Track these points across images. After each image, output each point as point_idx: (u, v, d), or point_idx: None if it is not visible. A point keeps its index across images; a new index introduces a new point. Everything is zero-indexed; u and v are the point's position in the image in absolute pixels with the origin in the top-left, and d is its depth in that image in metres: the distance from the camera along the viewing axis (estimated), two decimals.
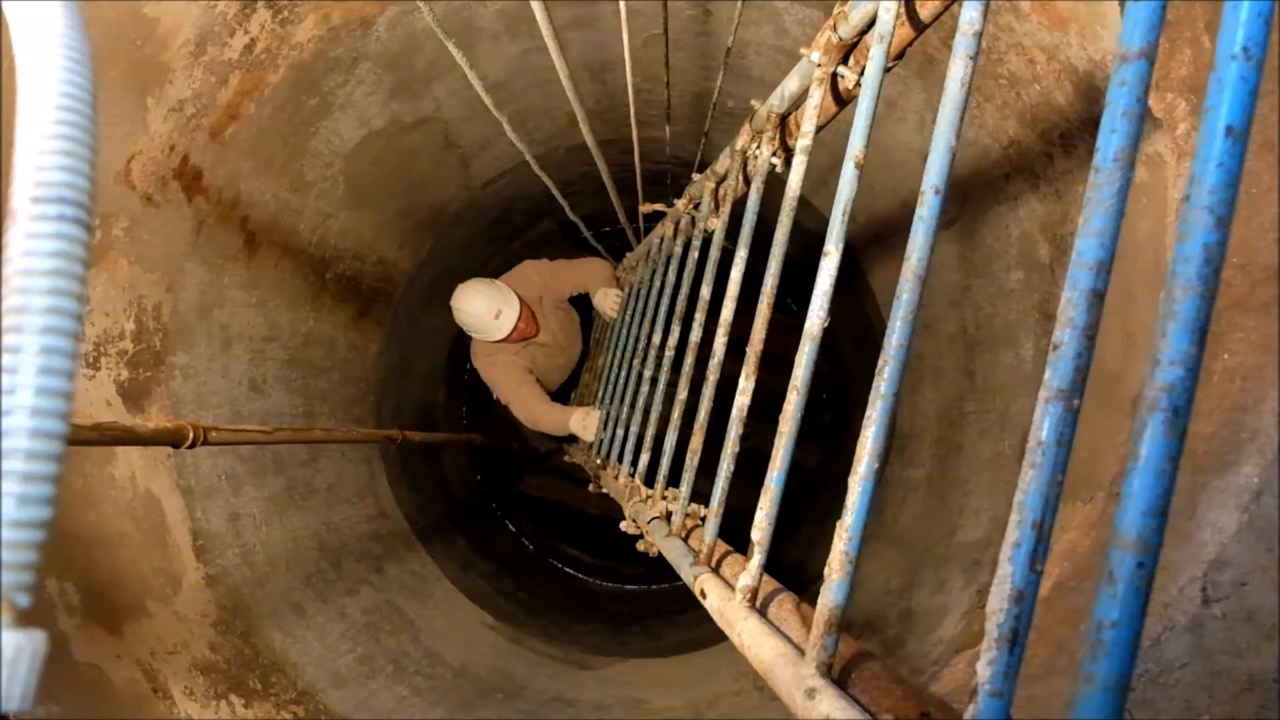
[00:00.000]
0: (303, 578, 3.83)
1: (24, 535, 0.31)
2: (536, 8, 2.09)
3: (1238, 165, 0.56)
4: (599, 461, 4.07)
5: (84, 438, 1.40)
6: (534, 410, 5.29)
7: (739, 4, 2.64)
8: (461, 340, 5.74)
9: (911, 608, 3.40)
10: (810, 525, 6.10)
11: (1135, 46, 0.62)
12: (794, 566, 5.81)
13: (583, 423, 4.77)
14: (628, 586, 6.89)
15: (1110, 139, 0.64)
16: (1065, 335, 0.64)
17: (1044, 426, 0.64)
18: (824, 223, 1.26)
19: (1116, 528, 0.55)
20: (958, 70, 0.88)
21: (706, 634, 4.82)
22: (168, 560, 3.01)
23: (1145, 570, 0.53)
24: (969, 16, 0.88)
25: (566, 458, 5.81)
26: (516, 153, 3.81)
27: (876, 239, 4.34)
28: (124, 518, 2.85)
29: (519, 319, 5.13)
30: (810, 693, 0.79)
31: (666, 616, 6.08)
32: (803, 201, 1.60)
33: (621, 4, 2.46)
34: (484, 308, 5.04)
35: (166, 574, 2.99)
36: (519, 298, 5.18)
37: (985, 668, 0.64)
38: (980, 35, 0.88)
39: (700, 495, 2.06)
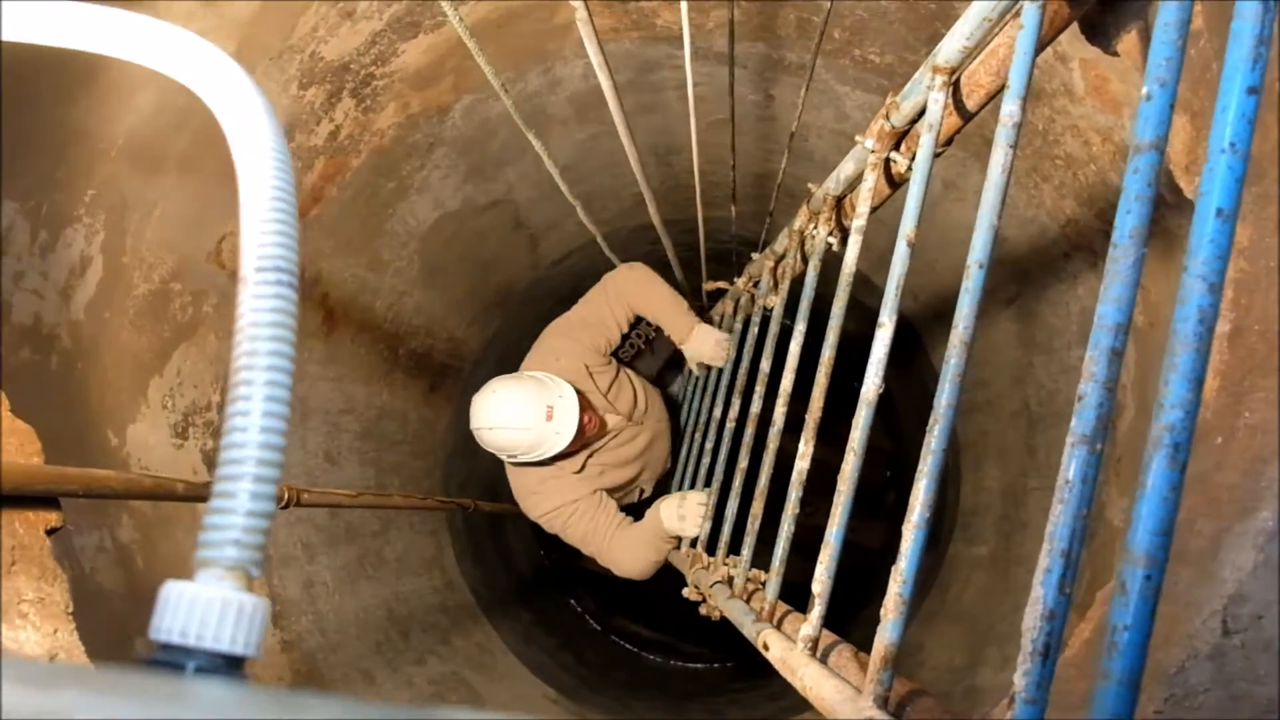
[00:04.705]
0: (373, 646, 3.91)
1: (255, 523, 0.41)
2: (609, 95, 2.22)
3: (1228, 242, 0.64)
4: None
5: (197, 494, 1.51)
6: (630, 554, 3.74)
7: (803, 93, 2.76)
8: None
9: (976, 685, 3.39)
10: (874, 605, 6.05)
11: (1147, 139, 0.71)
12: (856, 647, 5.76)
13: (677, 513, 3.51)
14: (689, 664, 6.86)
15: (1126, 219, 0.72)
16: (1088, 388, 0.72)
17: (1070, 468, 0.72)
18: (879, 300, 1.35)
19: (1128, 546, 0.62)
20: (999, 157, 0.97)
21: (767, 713, 4.80)
22: None
23: (1152, 582, 0.61)
24: (1009, 110, 0.97)
25: None
26: (583, 232, 3.94)
27: (937, 317, 4.39)
28: None
29: (581, 412, 3.53)
30: None
31: (729, 695, 6.05)
32: (863, 280, 1.70)
33: (689, 91, 2.58)
34: (530, 411, 3.42)
35: None
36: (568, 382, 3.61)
37: (1021, 678, 0.71)
38: (1019, 126, 0.97)
39: (758, 564, 2.14)
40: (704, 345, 3.72)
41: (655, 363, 5.42)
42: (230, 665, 0.39)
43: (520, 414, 3.40)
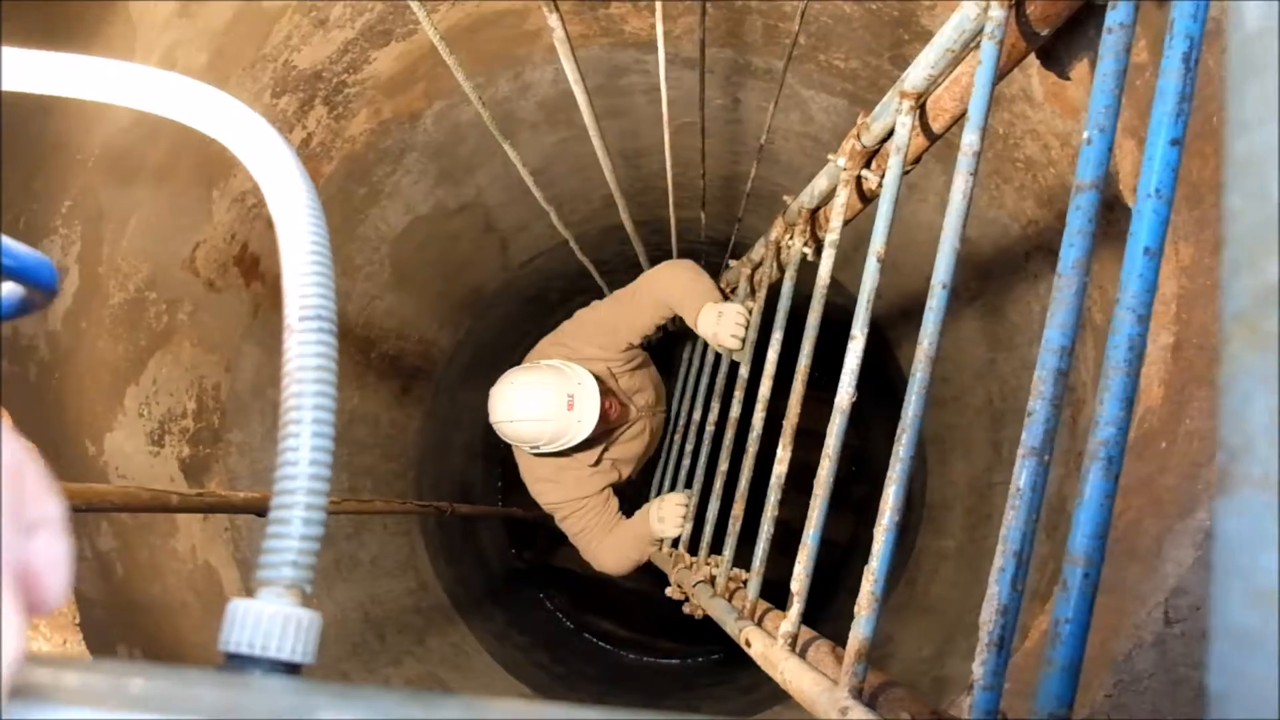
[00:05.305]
0: (349, 649, 3.93)
1: (308, 545, 0.46)
2: (582, 103, 2.26)
3: (1154, 277, 0.70)
4: None
5: (191, 506, 1.55)
6: (615, 555, 3.78)
7: (772, 109, 2.81)
8: None
9: (944, 675, 3.46)
10: (842, 596, 6.13)
11: (1088, 179, 0.77)
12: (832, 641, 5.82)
13: (656, 514, 3.56)
14: (662, 660, 6.91)
15: (1069, 251, 0.79)
16: (1036, 405, 0.79)
17: (1021, 477, 0.79)
18: (848, 298, 1.41)
19: (1068, 548, 0.69)
20: (960, 184, 1.03)
21: (741, 706, 4.86)
22: None
23: (1090, 580, 0.68)
24: (969, 140, 1.03)
25: None
26: (553, 234, 3.98)
27: (902, 314, 4.46)
28: (186, 588, 2.98)
29: (602, 399, 3.45)
30: (844, 711, 0.92)
31: (702, 689, 6.11)
32: (831, 279, 1.76)
33: (663, 96, 2.63)
34: (551, 402, 3.33)
35: None
36: (589, 371, 3.53)
37: (979, 667, 0.78)
38: (979, 155, 1.03)
39: (738, 561, 2.20)
40: (707, 326, 3.30)
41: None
42: (290, 671, 0.45)
43: (541, 406, 3.33)
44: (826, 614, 6.19)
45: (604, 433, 3.65)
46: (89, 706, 0.33)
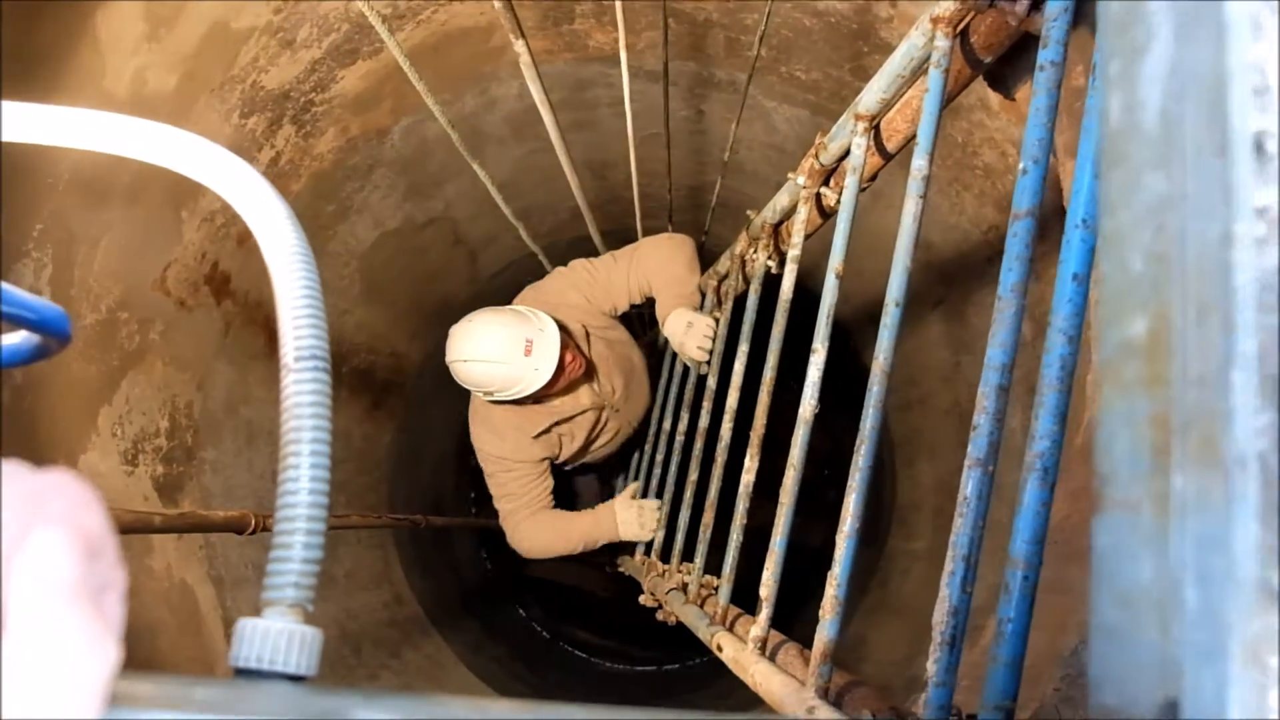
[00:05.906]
0: (326, 665, 3.89)
1: (309, 567, 0.50)
2: (548, 121, 2.30)
3: (1083, 302, 0.75)
4: None
5: (172, 525, 1.58)
6: (540, 541, 3.72)
7: (734, 126, 2.86)
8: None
9: (917, 675, 3.50)
10: (816, 603, 6.15)
11: (1024, 208, 0.82)
12: (801, 644, 5.86)
13: (637, 522, 3.55)
14: (639, 668, 6.93)
15: (1008, 275, 0.84)
16: (980, 419, 0.84)
17: (968, 486, 0.84)
18: (812, 302, 1.46)
19: (1010, 553, 0.74)
20: (910, 208, 1.08)
21: (719, 712, 4.89)
22: (202, 648, 3.14)
23: (1029, 582, 0.73)
24: (918, 164, 1.08)
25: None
26: (522, 246, 4.01)
27: (869, 319, 4.50)
28: (161, 606, 2.99)
29: (563, 350, 3.27)
30: (810, 710, 0.96)
31: (680, 697, 6.14)
32: (795, 286, 1.80)
33: (627, 109, 2.67)
34: (507, 345, 3.18)
35: (202, 661, 3.11)
36: (553, 319, 3.33)
37: (932, 665, 0.82)
38: (928, 179, 1.08)
39: (710, 569, 2.25)
40: (674, 331, 3.30)
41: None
42: (294, 683, 0.49)
43: (496, 347, 3.20)
44: (803, 617, 6.22)
45: (561, 399, 3.59)
46: (169, 710, 0.37)
